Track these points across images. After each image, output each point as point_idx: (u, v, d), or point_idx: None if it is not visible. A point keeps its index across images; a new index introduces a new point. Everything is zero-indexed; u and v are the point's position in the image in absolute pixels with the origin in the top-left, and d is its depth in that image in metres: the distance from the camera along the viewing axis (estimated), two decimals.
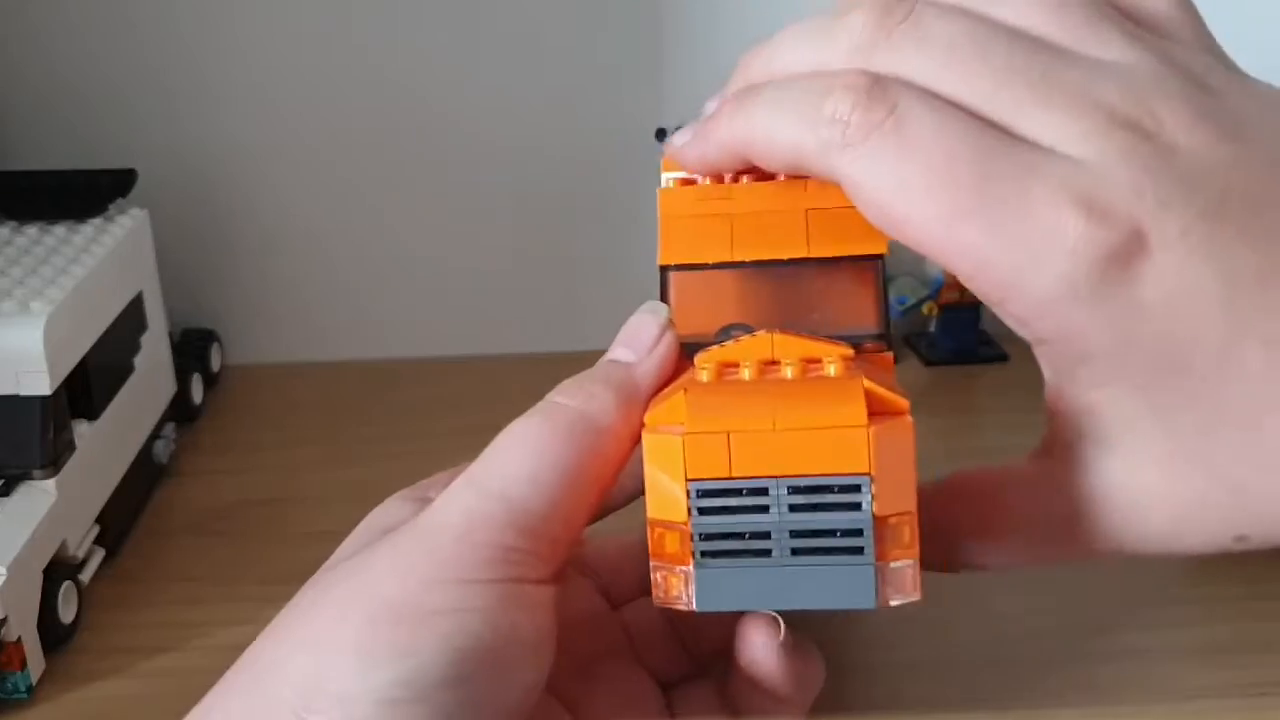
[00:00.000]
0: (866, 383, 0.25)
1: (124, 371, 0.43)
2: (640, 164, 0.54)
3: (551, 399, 0.28)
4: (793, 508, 0.25)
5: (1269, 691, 0.33)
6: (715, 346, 0.28)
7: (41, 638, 0.35)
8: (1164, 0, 0.29)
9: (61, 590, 0.36)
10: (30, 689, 0.35)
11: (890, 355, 0.28)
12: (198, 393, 0.50)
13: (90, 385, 0.40)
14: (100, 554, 0.40)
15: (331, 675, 0.24)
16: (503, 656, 0.25)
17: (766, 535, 0.25)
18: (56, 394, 0.37)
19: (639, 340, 0.29)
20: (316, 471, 0.46)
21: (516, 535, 0.26)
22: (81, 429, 0.39)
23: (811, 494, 0.25)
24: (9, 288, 0.39)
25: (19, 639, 0.34)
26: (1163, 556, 0.28)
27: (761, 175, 0.30)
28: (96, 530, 0.40)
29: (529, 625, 0.26)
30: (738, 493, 0.25)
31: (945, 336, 0.53)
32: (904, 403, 0.25)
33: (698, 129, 0.30)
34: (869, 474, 0.24)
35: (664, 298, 0.30)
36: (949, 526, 0.29)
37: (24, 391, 0.37)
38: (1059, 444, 0.28)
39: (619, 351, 0.29)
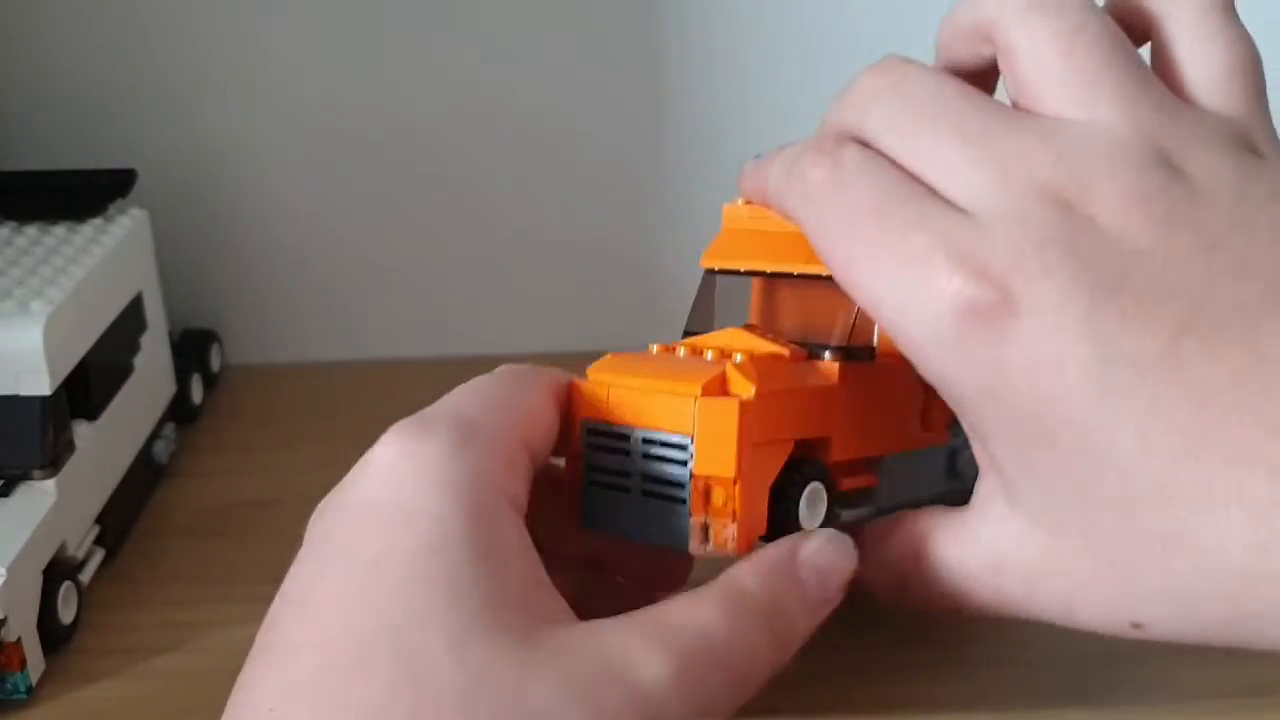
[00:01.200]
0: (729, 368, 0.29)
1: (124, 372, 0.43)
2: (637, 165, 0.54)
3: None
4: (644, 455, 0.30)
5: (1269, 691, 0.33)
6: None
7: (41, 638, 0.35)
8: (1221, 60, 0.28)
9: (61, 591, 0.36)
10: (30, 689, 0.35)
11: (834, 365, 0.31)
12: (197, 393, 0.50)
13: (90, 385, 0.40)
14: (100, 554, 0.40)
15: None
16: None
17: (629, 475, 0.30)
18: (56, 394, 0.37)
19: None
20: (317, 472, 0.46)
21: None
22: (81, 429, 0.39)
23: (656, 446, 0.29)
24: (9, 288, 0.39)
25: (19, 639, 0.34)
26: (1066, 628, 0.28)
27: None
28: (96, 530, 0.40)
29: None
30: (611, 435, 0.30)
31: None
32: (750, 388, 0.29)
33: (749, 170, 0.33)
34: (691, 436, 0.29)
35: (702, 294, 0.34)
36: (892, 562, 0.31)
37: (23, 392, 0.37)
38: (978, 495, 0.29)
39: None
